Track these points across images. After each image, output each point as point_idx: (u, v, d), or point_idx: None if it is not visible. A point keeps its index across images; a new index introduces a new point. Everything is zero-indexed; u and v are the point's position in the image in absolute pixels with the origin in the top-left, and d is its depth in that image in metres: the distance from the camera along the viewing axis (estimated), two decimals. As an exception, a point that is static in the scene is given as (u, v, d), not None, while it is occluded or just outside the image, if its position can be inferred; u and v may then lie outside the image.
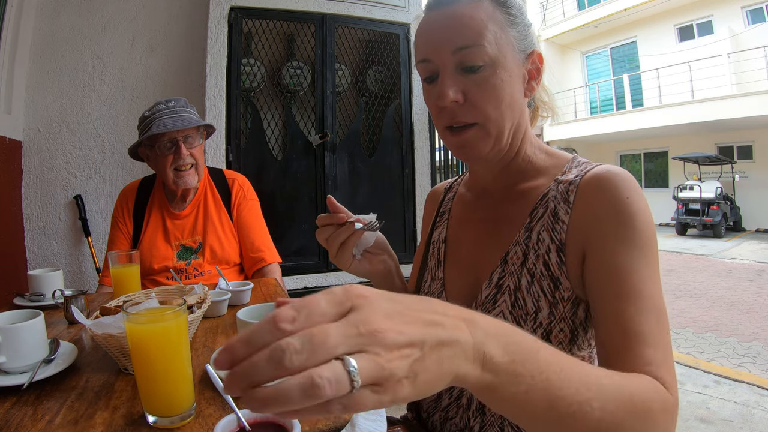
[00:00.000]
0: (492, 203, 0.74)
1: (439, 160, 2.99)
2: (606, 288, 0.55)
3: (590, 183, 0.61)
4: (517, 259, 0.65)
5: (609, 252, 0.56)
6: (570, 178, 0.65)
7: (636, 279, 0.54)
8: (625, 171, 0.61)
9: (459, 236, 0.78)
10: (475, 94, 0.63)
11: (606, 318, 0.54)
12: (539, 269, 0.63)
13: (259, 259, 1.58)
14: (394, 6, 2.60)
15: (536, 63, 0.68)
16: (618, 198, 0.58)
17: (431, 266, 0.80)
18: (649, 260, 0.56)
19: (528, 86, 0.68)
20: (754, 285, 5.17)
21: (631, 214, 0.57)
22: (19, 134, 2.15)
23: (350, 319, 0.28)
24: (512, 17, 0.64)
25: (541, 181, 0.69)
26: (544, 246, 0.63)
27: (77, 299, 1.05)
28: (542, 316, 0.62)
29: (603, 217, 0.58)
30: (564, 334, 0.62)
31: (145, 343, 0.59)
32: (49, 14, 2.20)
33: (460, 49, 0.62)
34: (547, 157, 0.72)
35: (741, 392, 2.53)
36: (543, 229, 0.64)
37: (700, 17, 10.60)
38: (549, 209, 0.64)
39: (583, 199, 0.61)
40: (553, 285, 0.62)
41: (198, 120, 1.47)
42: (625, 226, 0.57)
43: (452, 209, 0.82)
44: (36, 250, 2.23)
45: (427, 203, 0.93)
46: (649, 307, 0.53)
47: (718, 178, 9.77)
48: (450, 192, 0.86)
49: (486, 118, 0.64)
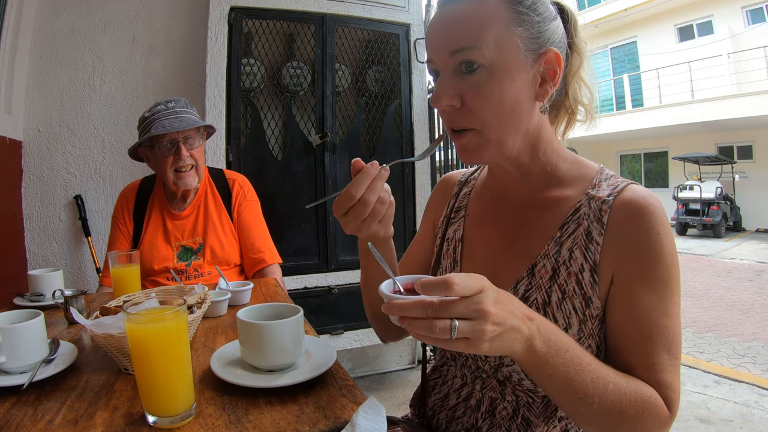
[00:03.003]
0: (513, 208, 0.72)
1: (439, 160, 2.99)
2: (626, 324, 0.60)
3: (625, 209, 0.62)
4: (545, 273, 0.64)
5: (634, 290, 0.60)
6: (602, 195, 0.64)
7: (655, 317, 0.59)
8: (656, 198, 0.63)
9: (476, 237, 0.76)
10: (472, 98, 0.61)
11: (625, 351, 0.61)
12: (572, 287, 0.63)
13: (260, 260, 1.58)
14: (394, 6, 2.60)
15: (552, 63, 0.62)
16: (650, 233, 0.60)
17: (445, 265, 0.79)
18: (671, 295, 0.60)
19: (541, 89, 0.63)
20: (754, 285, 5.17)
21: (660, 253, 0.60)
22: (19, 134, 2.15)
23: (473, 300, 0.46)
24: (521, 14, 0.60)
25: (568, 192, 0.67)
26: (576, 264, 0.63)
27: (77, 299, 1.05)
28: (572, 332, 0.62)
29: (634, 250, 0.60)
30: (591, 350, 0.63)
31: (145, 343, 0.59)
32: (49, 14, 2.20)
33: (457, 51, 0.60)
34: (573, 165, 0.69)
35: (741, 392, 2.53)
36: (576, 246, 0.63)
37: (700, 17, 10.61)
38: (582, 227, 0.63)
39: (616, 223, 0.62)
40: (585, 303, 0.62)
41: (198, 121, 1.47)
42: (652, 265, 0.60)
43: (469, 206, 0.80)
44: (36, 250, 2.23)
45: (438, 189, 0.89)
46: (663, 341, 0.59)
47: (718, 178, 9.77)
48: (466, 186, 0.83)
49: (483, 124, 0.62)
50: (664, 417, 0.57)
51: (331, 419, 0.60)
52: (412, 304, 0.47)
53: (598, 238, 0.62)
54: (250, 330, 0.71)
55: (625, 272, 0.61)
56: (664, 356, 0.58)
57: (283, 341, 0.70)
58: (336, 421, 0.60)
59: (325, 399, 0.66)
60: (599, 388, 0.53)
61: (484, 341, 0.46)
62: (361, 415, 0.57)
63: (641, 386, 0.57)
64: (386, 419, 0.57)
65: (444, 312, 0.45)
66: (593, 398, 0.53)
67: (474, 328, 0.46)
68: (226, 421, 0.60)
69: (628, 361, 0.60)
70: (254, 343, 0.71)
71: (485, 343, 0.47)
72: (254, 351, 0.71)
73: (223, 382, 0.68)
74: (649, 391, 0.57)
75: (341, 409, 0.62)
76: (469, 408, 0.70)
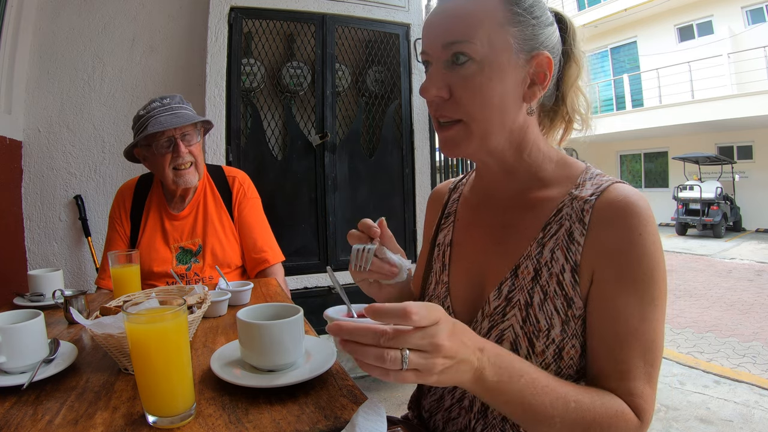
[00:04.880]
0: (499, 208, 0.72)
1: (439, 160, 2.99)
2: (602, 327, 0.60)
3: (606, 209, 0.61)
4: (528, 274, 0.64)
5: (612, 292, 0.59)
6: (585, 195, 0.63)
7: (633, 322, 0.58)
8: (640, 196, 0.61)
9: (464, 240, 0.76)
10: (460, 90, 0.62)
11: (599, 355, 0.60)
12: (553, 287, 0.62)
13: (262, 260, 1.54)
14: (394, 6, 2.60)
15: (543, 67, 0.63)
16: (631, 234, 0.58)
17: (436, 269, 0.79)
18: (651, 298, 0.59)
19: (529, 91, 0.64)
20: (754, 285, 5.17)
21: (641, 254, 0.58)
22: (19, 134, 2.15)
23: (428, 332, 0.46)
24: (517, 15, 0.61)
25: (552, 192, 0.67)
26: (558, 265, 0.62)
27: (77, 299, 1.05)
28: (555, 333, 0.62)
29: (613, 251, 0.59)
30: (575, 350, 0.62)
31: (145, 343, 0.59)
32: (49, 14, 2.20)
33: (450, 44, 0.61)
34: (558, 166, 0.69)
35: (741, 392, 2.53)
36: (557, 247, 0.63)
37: (700, 17, 10.60)
38: (564, 228, 0.63)
39: (598, 223, 0.61)
40: (567, 304, 0.62)
41: (195, 116, 1.43)
42: (632, 266, 0.58)
43: (458, 211, 0.81)
44: (36, 250, 2.23)
45: (429, 204, 0.91)
46: (640, 347, 0.58)
47: (718, 178, 9.76)
48: (455, 192, 0.84)
49: (470, 117, 0.62)
50: (634, 427, 0.56)
51: (331, 419, 0.60)
52: (363, 329, 0.45)
53: (580, 238, 0.61)
54: (250, 330, 0.71)
55: (604, 273, 0.60)
56: (638, 363, 0.57)
57: (283, 341, 0.70)
58: (336, 421, 0.60)
59: (325, 399, 0.66)
60: (559, 409, 0.53)
61: (433, 374, 0.46)
62: (361, 415, 0.57)
63: (607, 399, 0.56)
64: (386, 419, 0.57)
65: (397, 342, 0.44)
66: (554, 419, 0.53)
67: (426, 360, 0.45)
68: (226, 421, 0.60)
69: (602, 366, 0.59)
70: (254, 343, 0.71)
71: (434, 376, 0.46)
72: (254, 351, 0.71)
73: (223, 382, 0.68)
74: (617, 404, 0.56)
75: (341, 409, 0.62)
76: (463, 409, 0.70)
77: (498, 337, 0.65)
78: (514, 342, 0.63)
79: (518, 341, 0.63)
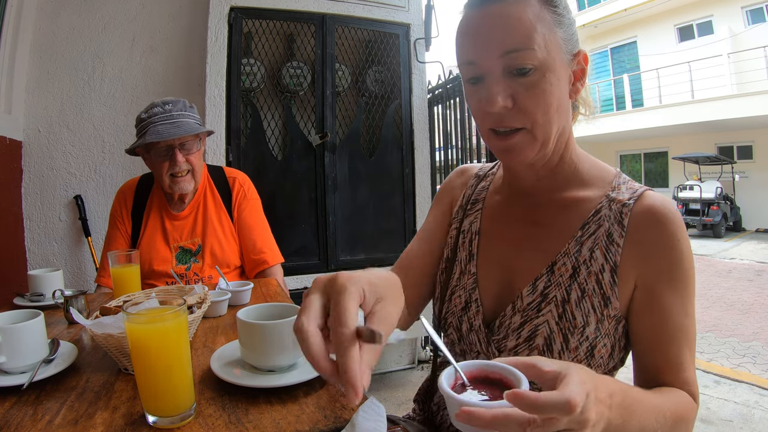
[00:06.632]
0: (533, 205, 0.72)
1: (439, 160, 2.99)
2: (654, 326, 0.63)
3: (646, 214, 0.64)
4: (565, 271, 0.65)
5: (660, 295, 0.62)
6: (623, 199, 0.66)
7: (679, 318, 0.62)
8: (673, 204, 0.65)
9: (493, 232, 0.76)
10: (525, 99, 0.61)
11: (650, 351, 0.63)
12: (591, 285, 0.64)
13: (261, 261, 1.54)
14: (394, 6, 2.60)
15: (581, 63, 0.65)
16: (671, 239, 0.62)
17: (461, 258, 0.77)
18: (689, 295, 0.63)
19: (573, 88, 0.66)
20: (754, 285, 5.17)
21: (681, 257, 0.63)
22: (19, 134, 2.15)
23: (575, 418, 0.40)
24: (559, 16, 0.62)
25: (589, 193, 0.68)
26: (597, 264, 0.64)
27: (77, 299, 1.05)
28: (589, 330, 0.63)
29: (657, 256, 0.63)
30: (606, 349, 0.64)
31: (145, 343, 0.59)
32: (49, 14, 2.20)
33: (509, 53, 0.59)
34: (592, 167, 0.71)
35: (741, 392, 2.53)
36: (596, 247, 0.64)
37: (700, 17, 10.61)
38: (603, 228, 0.65)
39: (637, 227, 0.64)
40: (603, 303, 0.63)
41: (195, 128, 1.42)
42: (674, 268, 0.62)
43: (486, 200, 0.80)
44: (36, 250, 2.23)
45: (454, 179, 0.87)
46: (686, 340, 0.62)
47: (718, 178, 9.77)
48: (484, 180, 0.83)
49: (534, 123, 0.62)
50: (695, 411, 0.61)
51: (331, 419, 0.60)
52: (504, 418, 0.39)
53: (619, 239, 0.64)
54: (250, 330, 0.71)
55: (651, 277, 0.63)
56: (687, 355, 0.62)
57: (283, 341, 0.70)
58: (336, 421, 0.59)
59: (325, 399, 0.65)
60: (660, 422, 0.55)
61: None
62: (361, 415, 0.57)
63: (677, 396, 0.60)
64: (386, 419, 0.57)
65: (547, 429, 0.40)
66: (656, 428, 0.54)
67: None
68: (226, 421, 0.60)
69: (653, 362, 0.63)
70: (254, 343, 0.71)
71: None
72: (254, 351, 0.71)
73: (223, 382, 0.68)
74: (684, 398, 0.60)
75: (341, 409, 0.62)
76: None
77: (531, 332, 0.65)
78: (548, 337, 0.64)
79: (552, 337, 0.64)
